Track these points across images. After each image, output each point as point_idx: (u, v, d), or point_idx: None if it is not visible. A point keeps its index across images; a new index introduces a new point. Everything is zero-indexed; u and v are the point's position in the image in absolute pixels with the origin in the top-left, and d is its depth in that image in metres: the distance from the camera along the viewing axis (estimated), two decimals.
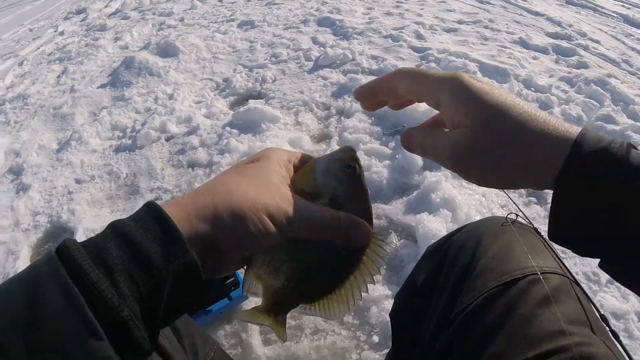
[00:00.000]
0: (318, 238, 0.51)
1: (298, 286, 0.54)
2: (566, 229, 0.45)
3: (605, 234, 0.43)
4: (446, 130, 0.52)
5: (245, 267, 0.54)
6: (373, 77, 3.08)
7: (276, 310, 0.56)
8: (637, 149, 0.43)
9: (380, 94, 0.57)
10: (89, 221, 2.24)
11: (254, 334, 1.58)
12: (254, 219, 0.46)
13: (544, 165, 0.44)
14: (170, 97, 3.25)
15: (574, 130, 0.44)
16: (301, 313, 1.57)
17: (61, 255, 0.39)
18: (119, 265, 0.39)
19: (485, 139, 0.46)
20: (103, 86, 3.63)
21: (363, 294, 0.55)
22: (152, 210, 0.43)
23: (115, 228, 0.42)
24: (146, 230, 0.42)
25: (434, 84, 0.50)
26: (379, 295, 1.63)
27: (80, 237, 2.14)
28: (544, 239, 0.83)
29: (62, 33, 5.28)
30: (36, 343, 0.35)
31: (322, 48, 3.68)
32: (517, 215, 0.84)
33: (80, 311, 0.36)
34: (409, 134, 0.56)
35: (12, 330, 0.35)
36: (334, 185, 0.54)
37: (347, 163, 0.54)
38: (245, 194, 0.47)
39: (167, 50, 3.94)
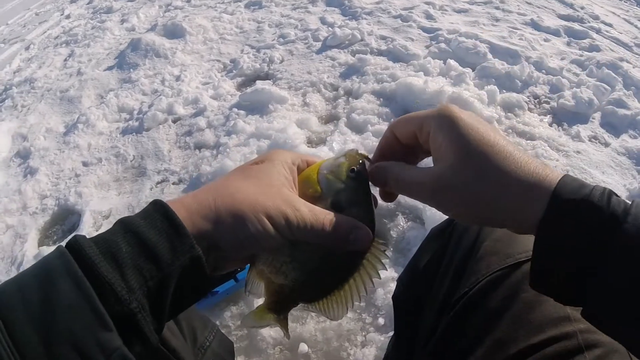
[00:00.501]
0: (317, 241, 0.51)
1: (298, 286, 0.54)
2: (548, 277, 0.45)
3: (586, 283, 0.42)
4: (420, 167, 0.53)
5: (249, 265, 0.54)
6: (382, 58, 3.07)
7: (277, 308, 0.57)
8: (617, 196, 0.43)
9: (388, 154, 0.57)
10: (96, 203, 2.24)
11: None
12: (254, 220, 0.47)
13: (521, 209, 0.45)
14: (177, 78, 3.22)
15: (554, 176, 0.45)
16: (303, 310, 1.56)
17: (72, 251, 0.40)
18: (128, 260, 0.41)
19: (466, 176, 0.47)
20: (110, 68, 3.61)
21: (362, 295, 0.55)
22: (159, 207, 0.45)
23: (124, 224, 0.44)
24: (154, 226, 0.43)
25: (423, 119, 0.51)
26: (385, 277, 1.61)
27: (87, 219, 2.14)
28: None
29: (68, 16, 5.26)
30: (50, 335, 0.36)
31: (330, 28, 3.61)
32: None
33: (91, 303, 0.38)
34: (382, 168, 0.55)
35: (28, 324, 0.36)
36: (337, 189, 0.54)
37: (351, 167, 0.54)
38: (246, 196, 0.48)
39: (174, 32, 3.90)
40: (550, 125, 2.51)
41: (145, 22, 4.54)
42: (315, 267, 0.54)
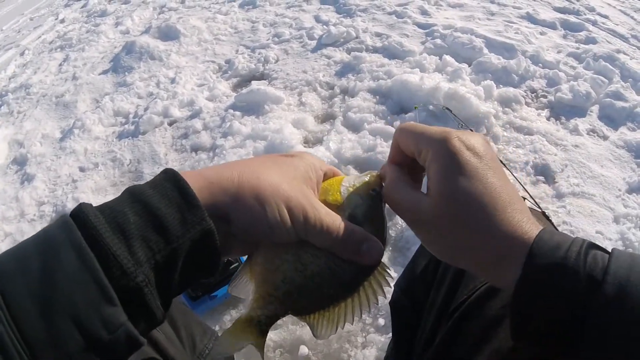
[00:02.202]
0: (328, 245, 0.49)
1: (293, 290, 0.50)
2: (527, 334, 0.43)
3: (564, 345, 0.41)
4: (415, 190, 0.51)
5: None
6: (377, 55, 3.05)
7: (259, 319, 0.51)
8: (598, 250, 0.42)
9: (397, 160, 0.56)
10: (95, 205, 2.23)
11: None
12: (274, 207, 0.45)
13: (495, 267, 0.44)
14: (172, 80, 3.21)
15: (532, 233, 0.43)
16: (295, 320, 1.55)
17: (76, 219, 0.38)
18: (136, 230, 0.39)
19: (443, 218, 0.46)
20: (105, 72, 3.60)
21: (356, 318, 0.52)
22: (170, 177, 0.43)
23: (132, 193, 0.41)
24: (164, 196, 0.41)
25: (424, 143, 0.49)
26: None
27: None
28: (552, 223, 0.79)
29: (62, 21, 5.24)
30: (50, 308, 0.34)
31: (325, 26, 3.59)
32: (524, 198, 0.80)
33: (94, 276, 0.35)
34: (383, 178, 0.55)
35: (27, 296, 0.34)
36: (356, 203, 0.54)
37: (373, 186, 0.55)
38: (271, 180, 0.47)
39: (168, 34, 3.89)
40: (548, 119, 2.50)
41: (140, 24, 4.52)
42: (316, 273, 0.50)
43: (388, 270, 0.53)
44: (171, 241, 0.40)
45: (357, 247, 0.49)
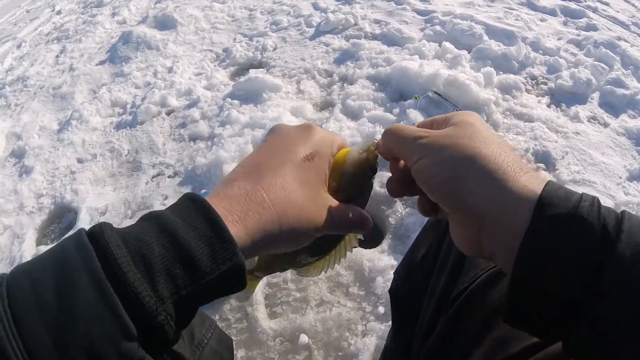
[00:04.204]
0: (336, 233, 0.55)
1: (291, 259, 0.59)
2: (528, 306, 0.41)
3: (572, 305, 0.38)
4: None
5: None
6: (376, 42, 3.03)
7: (259, 272, 0.62)
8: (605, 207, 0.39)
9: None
10: (92, 200, 2.22)
11: (260, 308, 1.56)
12: (306, 236, 0.49)
13: (497, 225, 0.42)
14: (170, 70, 3.19)
15: (534, 180, 0.42)
16: (300, 301, 1.55)
17: (95, 244, 0.36)
18: (161, 264, 0.36)
19: (460, 132, 0.47)
20: (102, 63, 3.57)
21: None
22: (199, 206, 0.40)
23: (159, 222, 0.39)
24: (193, 227, 0.38)
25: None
26: (385, 265, 1.59)
27: (84, 217, 2.13)
28: None
29: (59, 12, 5.19)
30: (65, 340, 0.32)
31: (323, 14, 3.56)
32: None
33: (114, 311, 0.34)
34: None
35: (41, 325, 0.33)
36: (355, 185, 0.56)
37: (371, 165, 0.56)
38: (307, 212, 0.48)
39: (165, 23, 3.85)
40: (549, 106, 2.48)
41: (137, 14, 4.47)
42: (311, 244, 0.55)
43: None
44: (199, 278, 0.37)
45: (358, 228, 0.54)
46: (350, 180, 0.55)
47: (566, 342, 0.40)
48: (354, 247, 0.61)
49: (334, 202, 0.52)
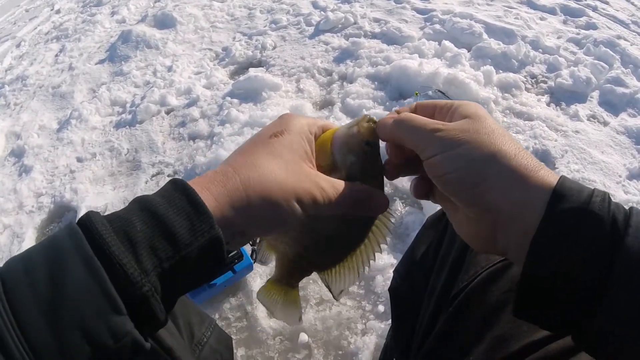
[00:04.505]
0: (339, 212, 0.51)
1: (312, 255, 0.55)
2: (538, 297, 0.42)
3: (582, 298, 0.39)
4: None
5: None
6: (376, 41, 3.02)
7: (289, 278, 0.58)
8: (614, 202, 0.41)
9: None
10: (92, 199, 2.22)
11: (259, 307, 1.56)
12: (285, 208, 0.45)
13: (517, 193, 0.43)
14: (169, 69, 3.19)
15: (548, 177, 0.43)
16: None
17: (84, 228, 0.38)
18: (143, 239, 0.38)
19: (480, 126, 0.47)
20: (101, 62, 3.57)
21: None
22: (179, 186, 0.42)
23: (140, 202, 0.41)
24: (172, 204, 0.41)
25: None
26: (384, 264, 1.60)
27: None
28: None
29: (58, 11, 5.19)
30: (58, 318, 0.34)
31: (322, 12, 3.56)
32: None
33: (102, 286, 0.35)
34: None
35: (35, 306, 0.34)
36: (351, 162, 0.53)
37: (365, 139, 0.53)
38: (275, 179, 0.46)
39: (164, 22, 3.85)
40: (548, 105, 2.48)
41: (136, 13, 4.47)
42: (330, 235, 0.54)
43: (389, 210, 0.54)
44: (179, 249, 0.39)
45: (365, 206, 0.52)
46: (343, 158, 0.53)
47: (575, 335, 0.42)
48: (376, 252, 0.56)
49: (327, 178, 0.50)
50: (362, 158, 0.53)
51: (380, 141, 0.55)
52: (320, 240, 0.54)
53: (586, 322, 0.40)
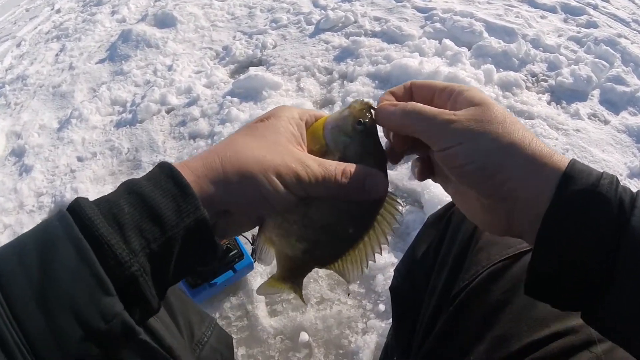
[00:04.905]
0: (331, 194, 0.49)
1: (311, 247, 0.52)
2: (549, 276, 0.43)
3: (591, 279, 0.40)
4: None
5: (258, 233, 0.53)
6: (376, 39, 3.02)
7: (291, 276, 0.56)
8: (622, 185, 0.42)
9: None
10: (93, 198, 2.21)
11: (260, 306, 1.56)
12: (263, 181, 0.45)
13: (532, 176, 0.43)
14: (170, 68, 3.18)
15: (560, 162, 0.43)
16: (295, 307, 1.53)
17: (73, 213, 0.39)
18: (130, 221, 0.39)
19: (491, 115, 0.46)
20: (101, 61, 3.56)
21: (376, 255, 0.53)
22: (165, 169, 0.43)
23: (127, 186, 0.42)
24: (158, 186, 0.42)
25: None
26: (385, 263, 1.59)
27: None
28: None
29: (58, 11, 5.18)
30: (48, 300, 0.35)
31: (323, 11, 3.55)
32: None
33: (91, 267, 0.36)
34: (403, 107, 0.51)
35: (27, 290, 0.35)
36: (345, 144, 0.51)
37: (357, 119, 0.51)
38: (253, 154, 0.46)
39: (164, 21, 3.85)
40: (549, 103, 2.48)
41: (136, 12, 4.46)
42: (326, 225, 0.51)
43: (397, 199, 0.52)
44: (166, 230, 0.40)
45: (359, 187, 0.49)
46: (335, 140, 0.51)
47: (584, 315, 0.42)
48: (383, 244, 0.53)
49: (315, 157, 0.49)
50: (356, 139, 0.51)
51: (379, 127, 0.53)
52: (317, 230, 0.51)
53: (595, 304, 0.40)
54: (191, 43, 3.54)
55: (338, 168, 0.48)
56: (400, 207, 0.53)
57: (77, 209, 0.39)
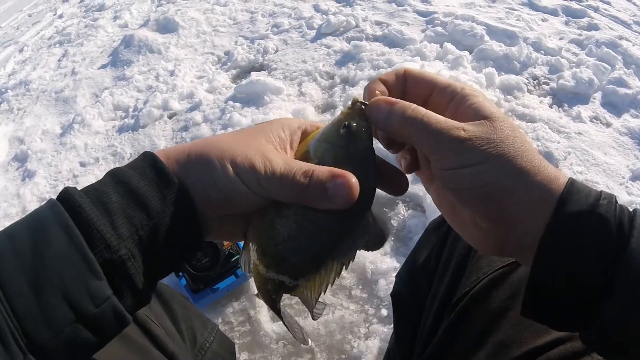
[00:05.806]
0: (289, 196, 0.45)
1: (271, 263, 0.47)
2: (547, 297, 0.42)
3: (589, 298, 0.40)
4: None
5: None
6: (378, 44, 3.03)
7: (262, 293, 0.51)
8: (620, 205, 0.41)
9: None
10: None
11: (262, 311, 1.56)
12: (214, 163, 0.44)
13: (531, 204, 0.42)
14: (172, 73, 3.19)
15: (559, 182, 0.42)
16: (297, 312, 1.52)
17: (63, 201, 0.40)
18: (119, 209, 0.41)
19: (501, 133, 0.44)
20: (104, 67, 3.58)
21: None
22: (148, 158, 0.44)
23: (114, 175, 0.43)
24: (143, 176, 0.43)
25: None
26: (387, 267, 1.59)
27: None
28: None
29: (61, 16, 5.21)
30: (40, 283, 0.36)
31: (324, 16, 3.55)
32: None
33: (81, 251, 0.37)
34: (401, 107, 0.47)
35: (18, 274, 0.36)
36: (324, 149, 0.47)
37: (343, 122, 0.47)
38: (218, 144, 0.46)
39: (166, 26, 3.86)
40: (551, 106, 2.47)
41: (138, 17, 4.48)
42: (290, 235, 0.46)
43: (372, 216, 0.46)
44: (152, 217, 0.42)
45: (320, 190, 0.43)
46: (316, 146, 0.48)
47: (581, 336, 0.42)
48: (351, 260, 0.46)
49: (283, 155, 0.47)
50: (338, 144, 0.47)
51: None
52: (277, 243, 0.46)
53: (591, 325, 0.40)
54: (193, 48, 3.55)
55: (301, 167, 0.44)
56: (376, 223, 0.47)
57: (67, 197, 0.40)
